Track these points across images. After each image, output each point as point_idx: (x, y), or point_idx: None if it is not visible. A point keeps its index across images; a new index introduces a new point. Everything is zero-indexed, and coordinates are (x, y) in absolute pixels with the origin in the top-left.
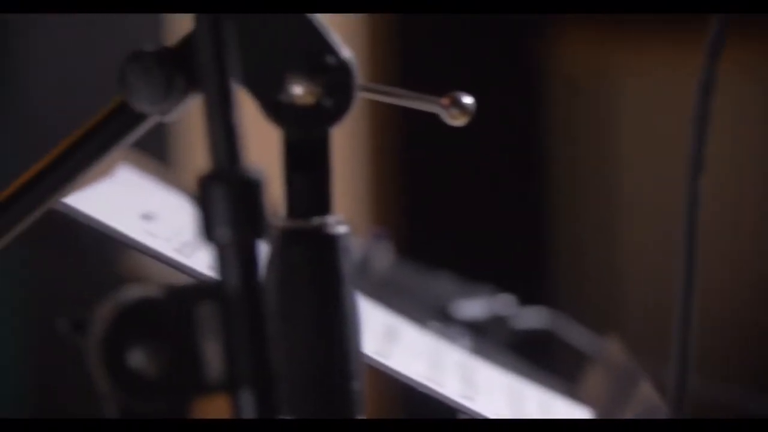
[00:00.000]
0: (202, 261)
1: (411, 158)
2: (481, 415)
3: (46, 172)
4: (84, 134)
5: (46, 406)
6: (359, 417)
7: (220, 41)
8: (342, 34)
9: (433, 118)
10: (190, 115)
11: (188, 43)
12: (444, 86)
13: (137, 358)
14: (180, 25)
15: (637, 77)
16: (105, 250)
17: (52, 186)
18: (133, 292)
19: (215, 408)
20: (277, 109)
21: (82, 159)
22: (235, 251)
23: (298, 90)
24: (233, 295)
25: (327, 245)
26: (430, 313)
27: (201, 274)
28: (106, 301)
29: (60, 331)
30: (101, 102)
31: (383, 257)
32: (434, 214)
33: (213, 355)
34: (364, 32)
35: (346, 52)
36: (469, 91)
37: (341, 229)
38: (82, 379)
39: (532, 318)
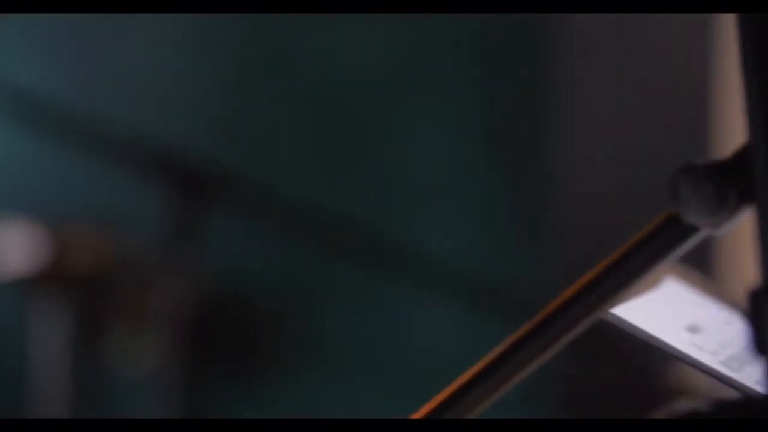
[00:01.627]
0: (750, 375)
1: None
2: None
3: (596, 283)
4: (634, 245)
5: None
6: None
7: None
8: None
9: None
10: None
11: (742, 156)
12: None
13: None
14: (729, 137)
15: None
16: (652, 361)
17: (602, 296)
18: (684, 405)
19: None
20: None
21: (632, 270)
22: None
23: None
24: None
25: None
26: None
27: (750, 388)
28: (657, 411)
29: None
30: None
31: None
32: None
33: None
34: None
35: None
36: None
37: None
38: None
39: None
